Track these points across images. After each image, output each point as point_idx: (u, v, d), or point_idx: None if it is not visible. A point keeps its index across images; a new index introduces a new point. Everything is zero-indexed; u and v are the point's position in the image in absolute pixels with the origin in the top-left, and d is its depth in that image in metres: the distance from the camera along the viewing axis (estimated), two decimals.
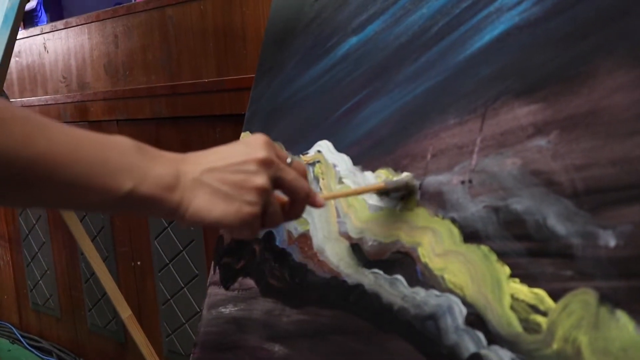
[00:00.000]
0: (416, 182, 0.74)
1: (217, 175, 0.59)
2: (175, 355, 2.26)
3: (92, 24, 2.38)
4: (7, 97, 1.62)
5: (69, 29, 2.49)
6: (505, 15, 0.69)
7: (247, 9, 1.87)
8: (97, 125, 2.44)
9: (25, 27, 3.68)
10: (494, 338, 0.62)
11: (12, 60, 1.09)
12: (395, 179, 0.76)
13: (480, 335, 0.64)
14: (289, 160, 0.65)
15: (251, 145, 0.62)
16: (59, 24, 2.54)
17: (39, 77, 2.71)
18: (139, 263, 2.39)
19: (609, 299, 0.54)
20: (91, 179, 0.53)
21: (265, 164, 0.61)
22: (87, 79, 2.45)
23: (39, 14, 3.77)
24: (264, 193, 0.61)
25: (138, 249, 2.36)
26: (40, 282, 2.92)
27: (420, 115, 0.76)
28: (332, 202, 0.86)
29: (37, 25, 3.64)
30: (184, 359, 2.18)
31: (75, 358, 2.76)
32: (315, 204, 0.68)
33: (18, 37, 2.68)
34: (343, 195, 0.82)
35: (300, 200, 0.65)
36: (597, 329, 0.55)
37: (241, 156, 0.61)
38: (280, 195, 0.65)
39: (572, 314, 0.57)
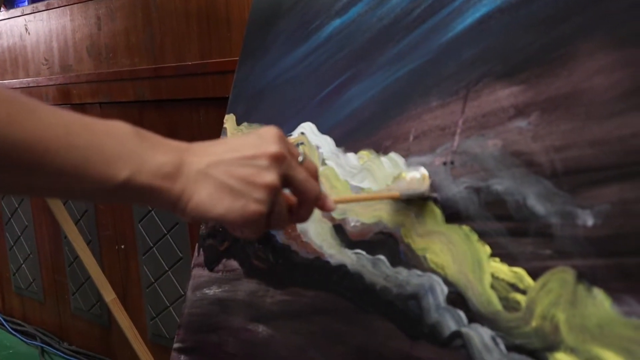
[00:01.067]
0: (433, 194, 0.70)
1: (225, 168, 0.56)
2: (159, 339, 2.27)
3: (74, 5, 2.36)
4: None
5: (50, 10, 2.47)
6: None
7: None
8: (80, 108, 2.43)
9: (6, 8, 3.64)
10: (474, 316, 0.64)
11: None
12: (408, 176, 0.73)
13: (461, 313, 0.65)
14: (300, 158, 0.61)
15: (264, 138, 0.58)
16: (40, 5, 2.52)
17: (20, 59, 2.69)
18: (122, 247, 2.39)
19: (586, 277, 0.55)
20: (84, 167, 0.50)
21: (277, 159, 0.57)
22: (70, 62, 2.43)
23: None
24: (273, 191, 0.57)
25: (122, 233, 2.36)
26: (23, 265, 2.92)
27: (403, 97, 0.77)
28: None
29: (17, 6, 3.60)
30: (168, 342, 2.19)
31: (59, 342, 2.76)
32: (326, 208, 0.64)
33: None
34: (355, 200, 0.78)
35: (309, 202, 0.62)
36: (574, 307, 0.56)
37: (252, 149, 0.57)
38: (287, 194, 0.61)
39: (551, 292, 0.58)
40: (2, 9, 2.79)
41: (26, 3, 3.42)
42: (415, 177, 0.72)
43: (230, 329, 0.96)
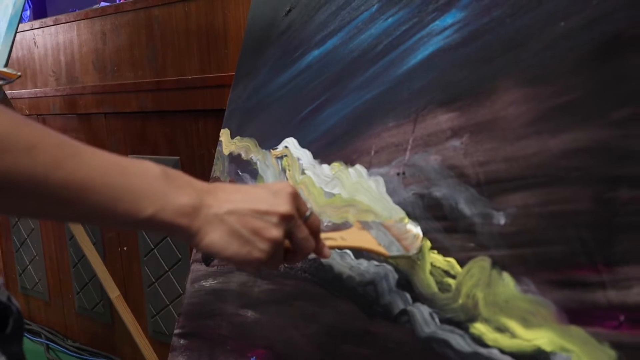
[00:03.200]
0: (416, 255, 0.79)
1: (239, 217, 0.62)
2: (159, 335, 2.38)
3: (81, 21, 2.50)
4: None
5: (58, 25, 2.61)
6: (434, 39, 0.85)
7: (229, 11, 2.00)
8: (85, 118, 2.57)
9: None
10: (417, 297, 0.79)
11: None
12: (408, 226, 0.81)
13: (407, 295, 0.80)
14: (307, 213, 0.68)
15: (279, 196, 0.65)
16: (49, 20, 2.66)
17: (28, 70, 2.82)
18: (125, 248, 2.51)
19: (498, 264, 0.71)
20: (114, 204, 0.56)
21: (286, 219, 0.64)
22: (76, 74, 2.57)
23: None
24: (276, 244, 0.64)
25: (124, 235, 2.48)
26: (29, 267, 3.03)
27: (367, 118, 0.92)
28: (297, 189, 1.02)
29: (21, 20, 3.74)
30: (167, 338, 2.31)
31: (63, 339, 2.87)
32: (322, 256, 0.73)
33: None
34: (346, 248, 0.84)
35: (301, 255, 0.70)
36: (489, 287, 0.71)
37: (266, 205, 0.64)
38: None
39: (473, 276, 0.73)
40: None
41: (27, 20, 3.57)
42: (412, 231, 0.80)
43: (223, 315, 1.11)
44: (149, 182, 0.59)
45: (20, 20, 1.64)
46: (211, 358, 1.12)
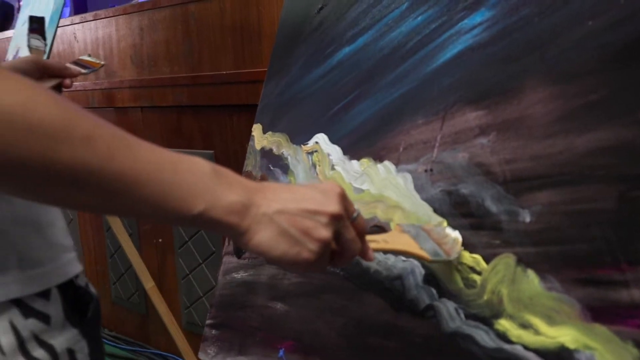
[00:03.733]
0: (457, 259, 0.79)
1: (288, 217, 0.61)
2: (193, 326, 2.43)
3: (120, 16, 2.55)
4: None
5: (97, 20, 2.66)
6: (463, 37, 0.86)
7: (263, 7, 2.03)
8: (122, 111, 2.62)
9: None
10: (443, 292, 0.80)
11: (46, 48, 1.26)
12: (447, 230, 0.80)
13: (434, 290, 0.81)
14: (355, 214, 0.67)
15: (328, 196, 0.64)
16: (88, 15, 2.72)
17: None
18: (160, 240, 2.56)
19: (523, 261, 0.72)
20: (165, 199, 0.56)
21: (335, 218, 0.63)
22: (114, 68, 2.63)
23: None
24: (325, 245, 0.63)
25: (160, 227, 2.53)
26: None
27: (396, 115, 0.93)
28: (320, 181, 1.03)
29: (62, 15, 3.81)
30: (200, 330, 2.35)
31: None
32: (366, 258, 0.71)
33: None
34: (389, 251, 0.82)
35: (348, 257, 0.67)
36: (514, 284, 0.72)
37: (316, 205, 0.63)
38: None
39: (498, 273, 0.74)
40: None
41: (67, 15, 3.64)
42: (451, 235, 0.80)
43: (254, 307, 1.13)
44: (199, 179, 0.58)
45: (61, 15, 1.68)
46: (241, 349, 1.14)
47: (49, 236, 0.74)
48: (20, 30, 2.00)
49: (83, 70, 1.02)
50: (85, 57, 1.07)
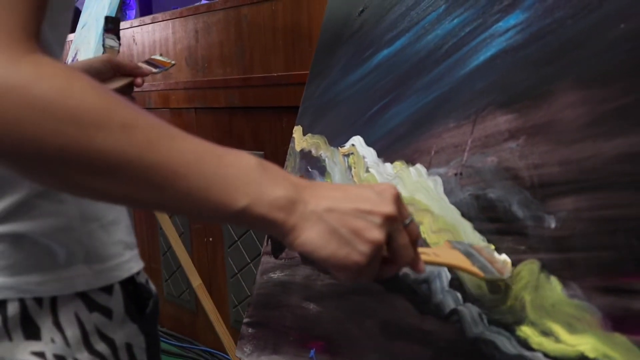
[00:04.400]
0: (510, 279, 0.75)
1: (339, 215, 0.57)
2: (239, 324, 2.43)
3: (176, 19, 2.60)
4: None
5: (155, 23, 2.73)
6: (496, 41, 0.85)
7: (314, 10, 2.04)
8: (177, 113, 2.68)
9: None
10: (468, 297, 0.80)
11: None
12: (495, 254, 0.77)
13: (459, 295, 0.81)
14: (408, 220, 0.62)
15: (383, 196, 0.60)
16: (147, 19, 2.79)
17: None
18: (210, 239, 2.60)
19: (547, 268, 0.71)
20: (207, 193, 0.53)
21: (389, 220, 0.59)
22: (170, 70, 2.68)
23: (129, 4, 4.03)
24: (377, 247, 0.58)
25: (210, 227, 2.57)
26: None
27: (429, 119, 0.93)
28: (355, 183, 1.04)
29: (126, 15, 3.92)
30: None
31: None
32: (416, 270, 0.66)
33: None
34: (440, 264, 0.78)
35: (399, 265, 0.63)
36: (537, 290, 0.71)
37: (370, 204, 0.59)
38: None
39: (522, 279, 0.73)
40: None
41: (133, 16, 3.74)
42: (500, 259, 0.76)
43: (288, 307, 1.14)
44: (244, 172, 0.55)
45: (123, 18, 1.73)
46: (275, 347, 1.15)
47: (114, 233, 0.74)
48: (79, 32, 2.06)
49: (154, 70, 1.04)
50: (157, 57, 1.10)
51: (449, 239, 0.81)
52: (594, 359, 0.64)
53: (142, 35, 2.81)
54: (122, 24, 2.92)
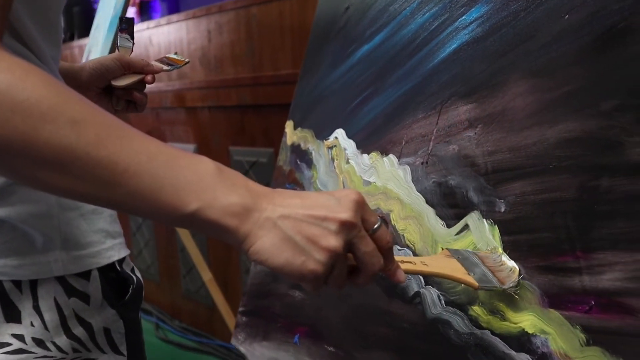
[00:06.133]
0: (513, 289, 0.72)
1: (294, 223, 0.56)
2: None
3: (190, 20, 2.66)
4: None
5: (170, 24, 2.79)
6: (460, 34, 0.88)
7: None
8: (192, 111, 2.73)
9: (141, 17, 4.04)
10: (428, 280, 0.83)
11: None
12: (503, 258, 0.74)
13: (421, 278, 0.84)
14: (376, 226, 0.61)
15: (341, 202, 0.58)
16: (162, 20, 2.85)
17: None
18: None
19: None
20: (158, 193, 0.53)
21: (346, 227, 0.57)
22: (185, 70, 2.74)
23: (154, 4, 4.08)
24: (334, 255, 0.56)
25: None
26: (143, 251, 3.26)
27: (402, 110, 0.96)
28: (341, 177, 1.08)
29: (151, 14, 3.98)
30: None
31: (171, 319, 3.07)
32: (394, 279, 0.65)
33: None
34: (427, 274, 0.77)
35: (366, 273, 0.61)
36: None
37: (325, 211, 0.57)
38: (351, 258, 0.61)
39: None
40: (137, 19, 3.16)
41: (159, 15, 3.81)
42: (507, 264, 0.73)
43: (277, 295, 1.19)
44: (199, 176, 0.55)
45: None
46: (265, 334, 1.19)
47: (94, 222, 0.76)
48: (93, 33, 2.12)
49: (165, 67, 1.07)
50: (172, 55, 1.14)
51: (447, 247, 0.79)
52: (532, 334, 0.67)
53: (158, 37, 2.87)
54: (139, 26, 3.00)
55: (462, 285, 0.76)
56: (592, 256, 0.62)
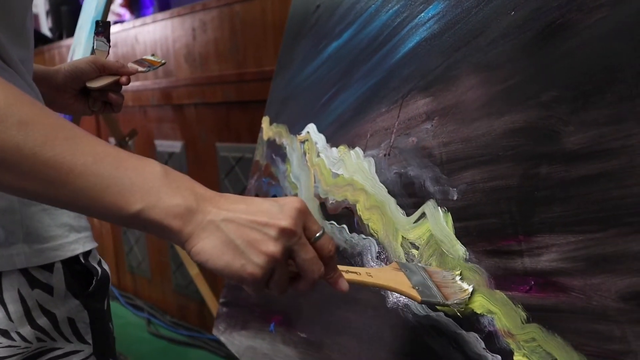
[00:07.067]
0: (457, 305, 0.74)
1: (236, 227, 0.58)
2: None
3: (175, 18, 2.69)
4: None
5: (156, 22, 2.81)
6: (420, 30, 0.91)
7: None
8: (178, 108, 2.76)
9: (133, 13, 4.06)
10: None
11: (111, 50, 1.34)
12: (446, 274, 0.77)
13: (383, 264, 0.88)
14: (318, 234, 0.63)
15: (283, 210, 0.60)
16: (148, 19, 2.87)
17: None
18: None
19: None
20: (103, 193, 0.55)
21: (286, 234, 0.60)
22: (171, 68, 2.77)
23: (144, 4, 4.10)
24: (272, 260, 0.59)
25: None
26: (135, 247, 3.29)
27: (367, 105, 1.00)
28: (312, 170, 1.11)
29: (142, 11, 4.00)
30: None
31: (162, 314, 3.11)
32: (337, 288, 0.68)
33: (115, 31, 3.03)
34: (371, 285, 0.76)
35: (307, 280, 0.64)
36: (442, 257, 0.78)
37: (267, 217, 0.59)
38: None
39: (430, 247, 0.80)
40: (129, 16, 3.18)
41: (151, 11, 3.82)
42: (458, 284, 0.75)
43: None
44: (144, 178, 0.57)
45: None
46: (244, 324, 1.23)
47: (58, 217, 0.78)
48: (77, 33, 2.16)
49: (140, 68, 1.10)
50: (148, 57, 1.16)
51: (397, 260, 0.83)
52: (480, 314, 0.71)
53: (144, 36, 2.90)
54: (125, 25, 3.02)
55: None
56: (532, 239, 0.66)
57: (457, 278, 0.76)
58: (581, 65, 0.65)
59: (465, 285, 0.74)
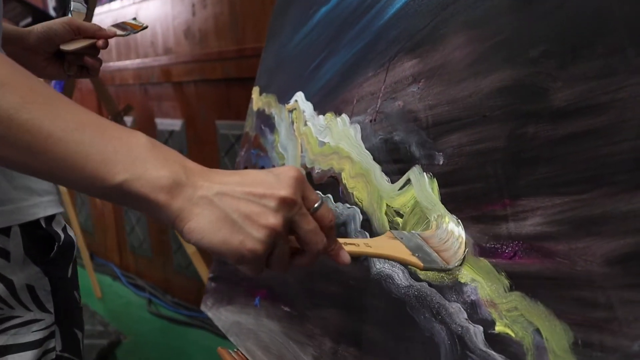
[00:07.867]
0: (457, 268, 0.69)
1: (231, 200, 0.54)
2: None
3: None
4: None
5: None
6: None
7: None
8: (178, 85, 2.73)
9: None
10: (374, 235, 0.83)
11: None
12: (441, 234, 0.73)
13: (367, 234, 0.84)
14: (317, 204, 0.59)
15: (280, 179, 0.56)
16: None
17: (132, 42, 3.02)
18: None
19: None
20: (83, 161, 0.51)
21: (286, 204, 0.55)
22: (170, 44, 2.73)
23: None
24: (273, 233, 0.54)
25: None
26: (136, 227, 3.27)
27: (354, 70, 0.96)
28: (299, 139, 1.07)
29: None
30: None
31: (163, 294, 3.09)
32: (339, 261, 0.63)
33: (115, 8, 2.99)
34: (371, 255, 0.75)
35: (310, 254, 0.60)
36: (427, 224, 0.74)
37: (264, 188, 0.55)
38: (293, 239, 0.60)
39: (415, 215, 0.76)
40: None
41: None
42: (454, 236, 0.71)
43: None
44: (129, 147, 0.52)
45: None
46: (230, 299, 1.20)
47: (16, 179, 0.75)
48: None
49: (119, 32, 1.06)
50: (129, 21, 1.12)
51: (390, 229, 0.78)
52: (464, 283, 0.67)
53: (144, 12, 2.86)
54: (126, 1, 2.98)
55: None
56: (517, 203, 0.62)
57: (450, 225, 0.71)
58: (571, 17, 0.60)
59: (458, 231, 0.70)
